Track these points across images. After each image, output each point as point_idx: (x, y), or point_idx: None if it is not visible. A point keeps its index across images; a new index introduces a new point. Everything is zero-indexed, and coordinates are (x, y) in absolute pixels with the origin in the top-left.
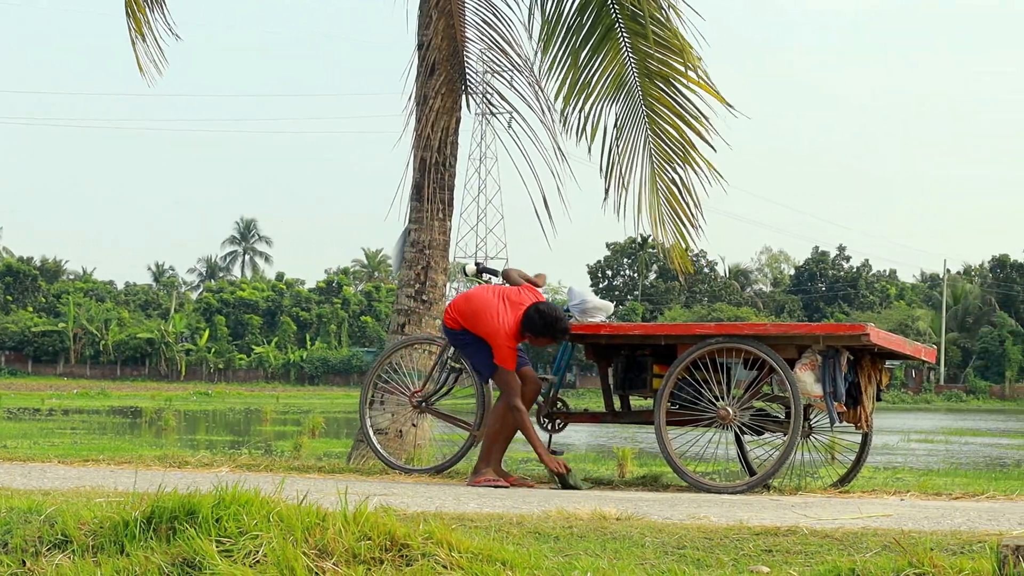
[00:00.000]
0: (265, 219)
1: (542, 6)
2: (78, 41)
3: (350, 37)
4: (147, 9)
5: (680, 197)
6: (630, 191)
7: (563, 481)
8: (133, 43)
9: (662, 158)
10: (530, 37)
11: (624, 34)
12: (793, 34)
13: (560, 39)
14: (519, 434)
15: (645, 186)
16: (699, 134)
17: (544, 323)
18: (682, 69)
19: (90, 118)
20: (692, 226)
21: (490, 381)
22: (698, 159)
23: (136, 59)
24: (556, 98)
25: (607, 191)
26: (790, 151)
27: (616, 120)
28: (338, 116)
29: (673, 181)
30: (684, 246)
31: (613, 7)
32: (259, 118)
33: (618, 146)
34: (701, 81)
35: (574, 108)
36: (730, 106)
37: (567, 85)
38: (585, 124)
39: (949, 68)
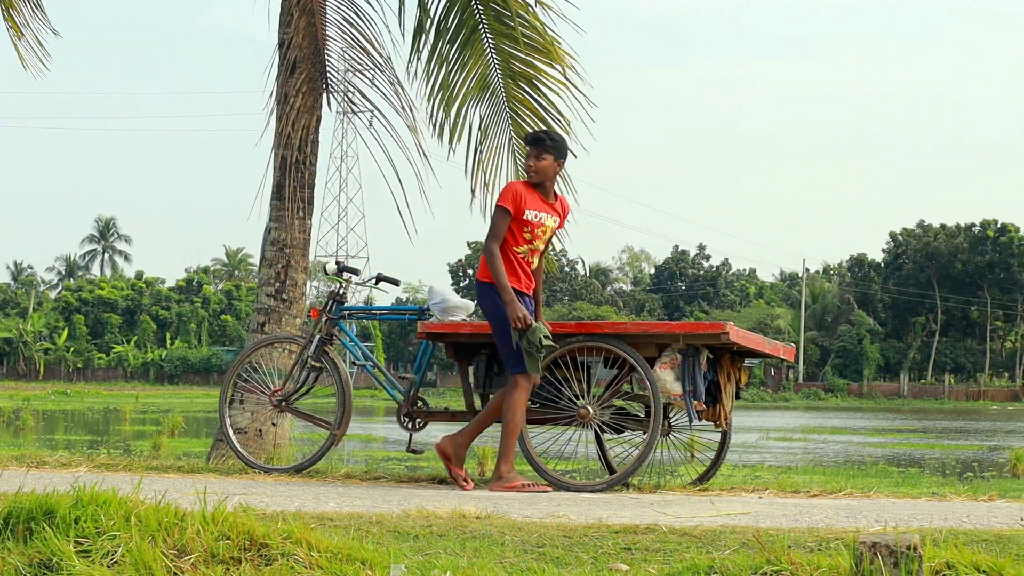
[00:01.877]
0: (124, 217)
1: (403, 6)
2: None
3: (211, 34)
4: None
5: None
6: (494, 192)
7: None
8: (15, 42)
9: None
10: (402, 36)
11: (488, 35)
12: (652, 35)
13: (428, 40)
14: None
15: None
16: None
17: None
18: (547, 70)
19: None
20: None
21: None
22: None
23: (19, 56)
24: (428, 100)
25: (473, 192)
26: (650, 150)
27: (481, 121)
28: (199, 114)
29: None
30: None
31: (477, 8)
32: (119, 115)
33: (483, 148)
34: (564, 82)
35: (441, 109)
36: (592, 104)
37: (435, 87)
38: (455, 126)
39: (806, 66)
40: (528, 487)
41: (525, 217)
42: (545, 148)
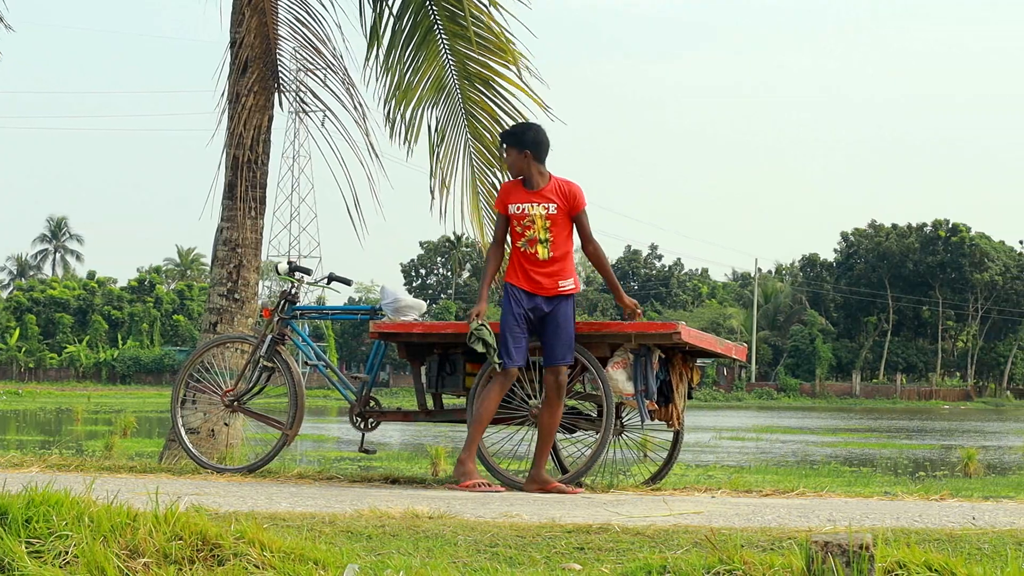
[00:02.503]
0: (76, 217)
1: (362, 7)
2: None
3: (162, 34)
4: None
5: None
6: (452, 194)
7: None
8: None
9: (482, 161)
10: (364, 36)
11: (443, 36)
12: (597, 35)
13: (384, 42)
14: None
15: (467, 189)
16: None
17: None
18: (501, 70)
19: None
20: None
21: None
22: None
23: None
24: (386, 102)
25: (432, 193)
26: (602, 150)
27: (437, 123)
28: (151, 113)
29: (493, 185)
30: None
31: (432, 8)
32: (70, 114)
33: (440, 150)
34: (518, 83)
35: (398, 111)
36: (546, 107)
37: (391, 88)
38: (409, 128)
39: (756, 65)
40: (480, 487)
41: (509, 211)
42: (507, 144)
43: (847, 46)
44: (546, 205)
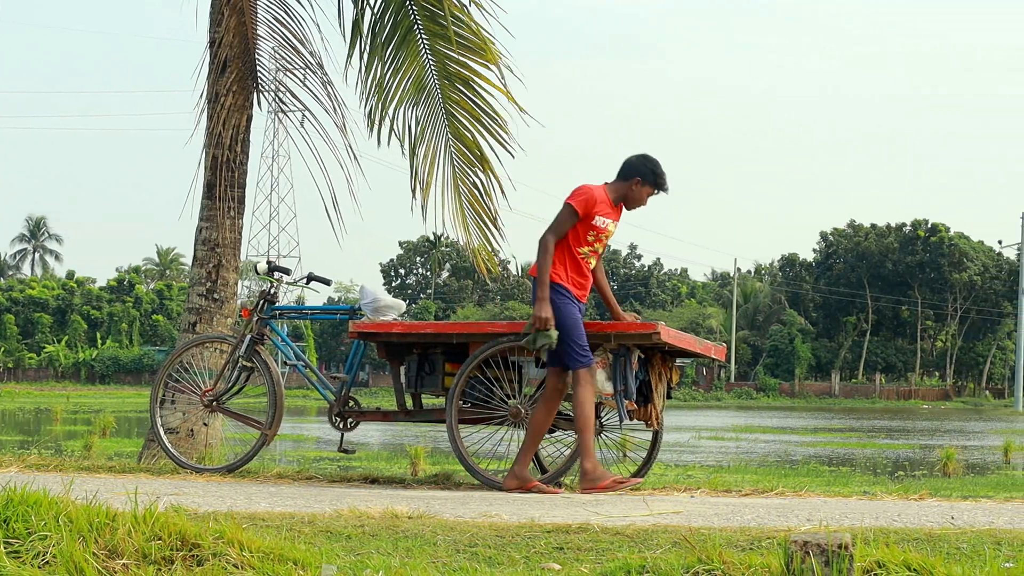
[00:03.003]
0: (55, 217)
1: (341, 7)
2: None
3: (142, 33)
4: None
5: (481, 201)
6: (433, 194)
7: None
8: None
9: (463, 162)
10: (343, 38)
11: (423, 35)
12: (587, 33)
13: (365, 41)
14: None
15: (448, 189)
16: (496, 138)
17: (651, 167)
18: (481, 70)
19: None
20: (495, 229)
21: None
22: (494, 164)
23: None
24: (366, 101)
25: (414, 192)
26: (579, 150)
27: (418, 123)
28: (130, 112)
29: (475, 185)
30: (489, 248)
31: (411, 8)
32: (48, 114)
33: (420, 149)
34: (498, 83)
35: (378, 111)
36: (522, 109)
37: (372, 88)
38: (392, 128)
39: (738, 65)
40: (618, 484)
41: (594, 222)
42: (663, 189)
43: (831, 46)
44: (615, 223)
